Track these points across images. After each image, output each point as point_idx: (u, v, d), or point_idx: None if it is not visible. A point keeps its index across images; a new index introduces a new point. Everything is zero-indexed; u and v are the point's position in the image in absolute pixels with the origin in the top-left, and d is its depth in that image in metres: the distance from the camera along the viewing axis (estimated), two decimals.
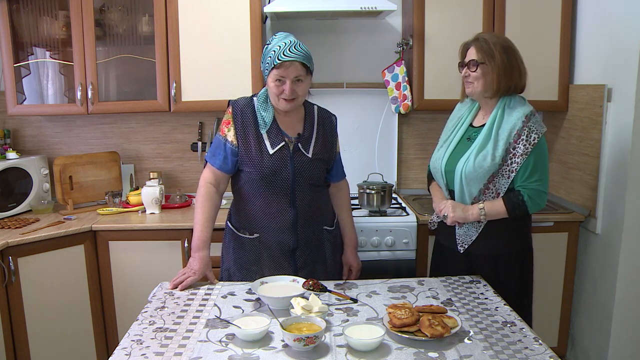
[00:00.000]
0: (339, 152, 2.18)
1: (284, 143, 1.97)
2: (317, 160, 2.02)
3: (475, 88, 2.00)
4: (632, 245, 2.50)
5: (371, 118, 3.21)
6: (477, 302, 1.77)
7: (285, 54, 1.86)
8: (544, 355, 1.42)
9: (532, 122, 1.92)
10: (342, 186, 2.24)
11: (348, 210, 2.25)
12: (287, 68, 1.87)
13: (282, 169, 1.96)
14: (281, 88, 1.90)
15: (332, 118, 2.14)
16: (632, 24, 2.41)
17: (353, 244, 2.24)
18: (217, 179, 2.03)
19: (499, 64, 1.94)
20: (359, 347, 1.43)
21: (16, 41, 2.85)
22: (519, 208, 1.94)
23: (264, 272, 1.99)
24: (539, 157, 1.93)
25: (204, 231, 1.98)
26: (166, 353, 1.44)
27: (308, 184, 2.00)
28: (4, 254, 2.39)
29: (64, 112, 3.01)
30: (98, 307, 2.71)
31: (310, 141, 2.03)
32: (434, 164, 2.13)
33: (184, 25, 2.81)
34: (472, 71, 1.98)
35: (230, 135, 1.99)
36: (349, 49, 3.23)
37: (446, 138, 2.13)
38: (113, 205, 2.93)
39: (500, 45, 1.96)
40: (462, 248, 2.04)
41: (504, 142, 1.93)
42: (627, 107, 2.45)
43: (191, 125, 3.24)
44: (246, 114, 1.99)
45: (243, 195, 2.04)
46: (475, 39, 2.01)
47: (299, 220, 2.01)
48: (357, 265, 2.24)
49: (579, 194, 2.83)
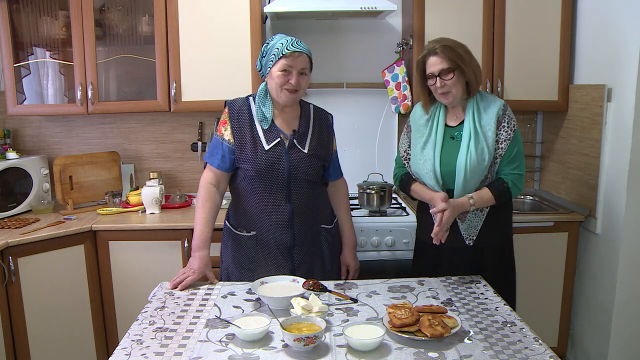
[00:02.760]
0: (335, 150, 2.20)
1: (279, 139, 2.00)
2: (312, 156, 2.04)
3: (454, 95, 2.02)
4: (632, 245, 2.50)
5: (371, 118, 3.21)
6: (477, 302, 1.77)
7: (294, 45, 1.93)
8: (544, 355, 1.42)
9: (509, 110, 2.06)
10: (340, 185, 2.25)
11: (347, 210, 2.26)
12: (295, 58, 1.92)
13: (278, 164, 1.98)
14: (287, 78, 1.94)
15: (329, 116, 2.17)
16: (632, 24, 2.41)
17: (351, 244, 2.24)
18: (217, 178, 2.04)
19: (469, 63, 2.00)
20: (359, 347, 1.43)
21: (16, 41, 2.85)
22: (504, 194, 2.02)
23: (261, 270, 1.99)
24: (519, 144, 2.05)
25: (204, 231, 2.00)
26: (166, 353, 1.44)
27: (304, 179, 2.02)
28: (4, 254, 2.39)
29: (64, 112, 3.01)
30: (98, 307, 2.71)
31: (306, 137, 2.05)
32: (421, 167, 2.09)
33: (184, 25, 2.81)
34: (447, 80, 1.99)
35: (227, 134, 2.02)
36: (349, 49, 3.23)
37: (425, 140, 2.10)
38: (113, 205, 2.93)
39: (459, 46, 2.01)
40: (471, 241, 2.08)
41: (492, 132, 2.01)
42: (627, 107, 2.45)
43: (191, 125, 3.25)
44: (242, 113, 2.03)
45: (240, 193, 2.06)
46: (432, 49, 2.01)
47: (295, 217, 2.01)
48: (354, 266, 2.24)
49: (579, 194, 2.83)
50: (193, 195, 3.18)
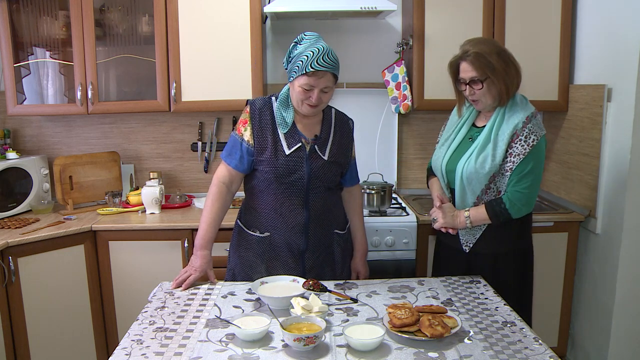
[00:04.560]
0: (354, 157, 2.15)
1: (300, 144, 1.94)
2: (332, 163, 1.99)
3: (485, 103, 1.98)
4: (632, 245, 2.50)
5: (371, 118, 3.21)
6: (477, 302, 1.77)
7: (319, 62, 1.78)
8: (544, 355, 1.42)
9: (532, 123, 1.92)
10: (354, 191, 2.20)
11: (360, 216, 2.21)
12: (319, 78, 1.81)
13: (298, 169, 1.93)
14: (308, 94, 1.85)
15: (350, 122, 2.11)
16: (632, 24, 2.41)
17: (363, 250, 2.21)
18: (231, 178, 2.00)
19: (501, 73, 1.91)
20: (359, 347, 1.43)
21: (16, 41, 2.85)
22: (502, 215, 1.95)
23: (270, 272, 1.96)
24: (536, 162, 1.93)
25: (209, 231, 1.97)
26: (166, 353, 1.44)
27: (322, 186, 1.98)
28: (4, 254, 2.39)
29: (64, 112, 3.01)
30: (98, 307, 2.71)
31: (327, 143, 2.00)
32: (435, 162, 2.13)
33: (184, 25, 2.81)
34: (477, 89, 1.94)
35: (247, 134, 1.96)
36: (349, 49, 3.22)
37: (447, 136, 2.12)
38: (113, 205, 2.93)
39: (494, 53, 1.91)
40: (467, 247, 2.06)
41: (504, 144, 1.92)
42: (627, 107, 2.45)
43: (191, 125, 3.25)
44: (264, 113, 1.96)
45: (256, 194, 2.01)
46: (465, 53, 1.94)
47: (310, 223, 1.98)
48: (364, 272, 2.21)
49: (579, 194, 2.83)
50: (193, 195, 3.18)
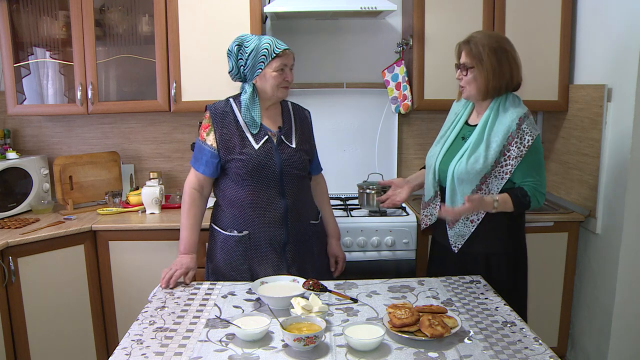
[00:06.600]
0: (315, 145, 2.24)
1: (267, 137, 2.01)
2: (301, 151, 2.07)
3: (469, 92, 2.00)
4: (632, 245, 2.50)
5: (371, 118, 3.21)
6: (477, 302, 1.77)
7: (280, 44, 1.97)
8: (544, 355, 1.42)
9: (526, 124, 1.91)
10: (320, 179, 2.31)
11: (328, 203, 2.33)
12: (287, 56, 1.98)
13: (269, 161, 1.99)
14: (282, 76, 1.98)
15: (306, 112, 2.21)
16: (632, 24, 2.41)
17: (337, 235, 2.30)
18: (200, 183, 2.06)
19: (487, 67, 1.92)
20: (359, 347, 1.43)
21: (16, 41, 2.85)
22: (522, 204, 1.92)
23: (253, 269, 2.02)
24: (535, 160, 1.93)
25: (191, 236, 2.04)
26: (166, 353, 1.44)
27: (295, 174, 2.04)
28: (4, 254, 2.39)
29: (64, 112, 3.01)
30: (98, 307, 2.71)
31: (291, 133, 2.08)
32: (429, 160, 2.14)
33: (184, 25, 2.81)
34: (464, 75, 1.98)
35: (209, 139, 2.01)
36: (349, 49, 3.22)
37: (443, 134, 2.14)
38: (113, 205, 2.93)
39: (490, 47, 1.92)
40: (456, 248, 2.06)
41: (497, 145, 1.92)
42: (627, 107, 2.45)
43: (191, 125, 3.24)
44: (226, 116, 2.02)
45: (229, 194, 2.04)
46: (467, 40, 1.99)
47: (288, 213, 2.02)
48: (343, 256, 2.30)
49: (579, 194, 2.83)
50: None
